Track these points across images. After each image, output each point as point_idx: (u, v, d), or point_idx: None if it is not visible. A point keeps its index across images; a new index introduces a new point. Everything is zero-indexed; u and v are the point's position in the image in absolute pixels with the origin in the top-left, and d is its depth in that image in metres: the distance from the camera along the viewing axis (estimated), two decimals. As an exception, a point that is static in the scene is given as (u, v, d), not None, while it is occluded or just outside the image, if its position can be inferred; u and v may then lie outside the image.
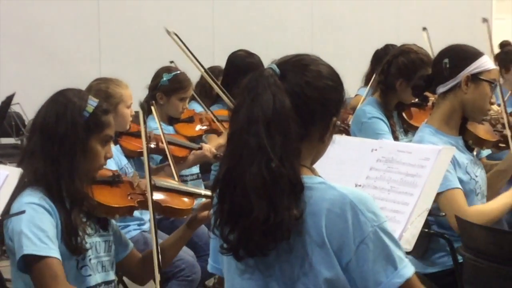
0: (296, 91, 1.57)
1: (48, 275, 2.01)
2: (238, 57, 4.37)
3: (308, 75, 1.60)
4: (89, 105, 2.20)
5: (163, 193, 2.52)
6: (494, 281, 2.39)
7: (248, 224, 1.52)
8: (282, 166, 1.51)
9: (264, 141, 1.51)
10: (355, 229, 1.52)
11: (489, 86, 2.81)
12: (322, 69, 1.63)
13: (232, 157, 1.57)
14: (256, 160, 1.51)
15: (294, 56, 1.66)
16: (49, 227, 2.06)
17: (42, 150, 2.16)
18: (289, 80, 1.58)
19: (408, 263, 1.56)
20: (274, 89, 1.55)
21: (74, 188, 2.14)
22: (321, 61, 1.66)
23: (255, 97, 1.55)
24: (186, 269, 3.29)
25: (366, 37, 7.03)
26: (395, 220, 2.16)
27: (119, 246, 2.32)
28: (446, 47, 2.91)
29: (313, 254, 1.53)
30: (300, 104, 1.56)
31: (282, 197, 1.50)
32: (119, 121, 3.28)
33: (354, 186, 2.28)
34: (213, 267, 1.78)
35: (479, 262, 2.38)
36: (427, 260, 2.87)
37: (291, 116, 1.54)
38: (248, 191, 1.51)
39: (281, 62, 1.64)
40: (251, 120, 1.54)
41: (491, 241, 2.40)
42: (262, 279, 1.58)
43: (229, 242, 1.57)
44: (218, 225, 1.59)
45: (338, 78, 1.67)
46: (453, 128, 2.87)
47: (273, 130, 1.52)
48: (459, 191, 2.72)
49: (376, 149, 2.36)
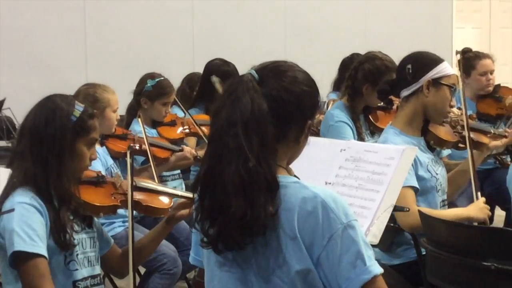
0: (273, 95, 1.57)
1: (34, 273, 2.00)
2: (214, 65, 4.38)
3: (285, 80, 1.60)
4: (76, 110, 2.19)
5: (143, 193, 2.52)
6: (454, 271, 2.40)
7: (226, 219, 1.52)
8: (259, 166, 1.51)
9: (242, 142, 1.51)
10: (325, 226, 1.52)
11: (449, 90, 2.83)
12: (298, 75, 1.63)
13: (212, 156, 1.56)
14: (234, 159, 1.51)
15: (272, 62, 1.66)
16: (39, 226, 2.05)
17: (31, 152, 2.14)
18: (267, 85, 1.58)
19: (376, 263, 1.55)
20: (252, 93, 1.55)
21: (62, 188, 2.14)
22: (297, 67, 1.66)
23: (235, 101, 1.55)
24: (168, 263, 3.28)
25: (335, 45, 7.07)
26: (362, 215, 2.17)
27: (102, 242, 2.31)
28: (409, 54, 2.93)
29: (287, 248, 1.53)
30: (276, 107, 1.56)
31: (258, 195, 1.50)
32: (105, 124, 3.29)
33: (324, 184, 2.29)
34: (194, 259, 1.78)
35: (440, 254, 2.39)
36: (393, 253, 2.88)
37: (268, 119, 1.54)
38: (226, 188, 1.51)
39: (259, 68, 1.63)
40: (230, 122, 1.53)
41: (451, 234, 2.41)
42: (240, 272, 1.58)
43: (209, 236, 1.56)
44: (199, 220, 1.58)
45: (313, 83, 1.67)
46: (416, 130, 2.89)
47: (251, 131, 1.52)
48: (411, 191, 2.72)
49: (345, 149, 2.37)
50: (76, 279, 2.15)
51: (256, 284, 1.57)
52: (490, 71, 4.35)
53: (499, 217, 4.43)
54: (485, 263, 2.20)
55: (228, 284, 1.61)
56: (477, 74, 4.34)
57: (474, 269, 2.28)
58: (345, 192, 2.23)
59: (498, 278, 2.20)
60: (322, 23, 7.73)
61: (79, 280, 2.16)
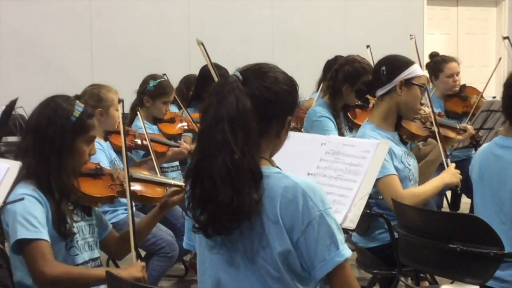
0: (256, 94, 1.56)
1: (37, 254, 1.99)
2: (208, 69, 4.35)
3: (266, 80, 1.59)
4: (76, 110, 2.16)
5: (139, 184, 2.50)
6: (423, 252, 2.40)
7: (215, 207, 1.52)
8: (243, 158, 1.50)
9: (228, 136, 1.51)
10: (304, 212, 1.52)
11: (419, 90, 2.84)
12: (278, 76, 1.62)
13: (202, 150, 1.56)
14: (221, 152, 1.51)
15: (255, 64, 1.65)
16: (40, 214, 2.03)
17: (34, 148, 2.12)
18: (250, 85, 1.57)
19: (346, 246, 1.55)
20: (237, 92, 1.54)
21: (62, 182, 2.11)
22: (278, 69, 1.65)
23: (221, 99, 1.54)
24: (166, 247, 3.27)
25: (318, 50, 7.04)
26: (341, 202, 2.17)
27: (100, 227, 2.29)
28: (384, 57, 2.93)
29: (270, 231, 1.53)
30: (259, 105, 1.56)
31: (243, 184, 1.50)
32: (109, 122, 3.27)
33: (307, 175, 2.29)
34: (187, 244, 1.78)
35: (411, 237, 2.40)
36: (369, 237, 2.89)
37: (251, 116, 1.53)
38: (214, 179, 1.51)
39: (243, 69, 1.63)
40: (217, 119, 1.53)
41: (421, 219, 2.42)
42: (228, 254, 1.58)
43: (199, 222, 1.56)
44: (191, 208, 1.58)
45: (292, 83, 1.66)
46: (390, 125, 2.89)
47: (236, 127, 1.51)
48: (395, 177, 2.74)
49: (325, 143, 2.37)
50: (77, 263, 2.14)
51: (242, 264, 1.57)
52: (456, 73, 4.35)
53: (465, 204, 4.46)
54: (451, 245, 2.20)
55: (217, 265, 1.60)
56: (444, 76, 4.34)
57: (441, 251, 2.28)
58: (325, 182, 2.23)
59: (462, 259, 2.21)
60: (305, 30, 7.73)
61: (80, 263, 2.15)
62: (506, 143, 2.29)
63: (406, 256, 2.51)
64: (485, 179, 2.32)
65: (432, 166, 3.10)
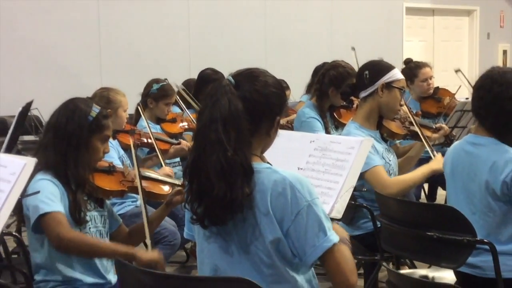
0: (247, 97, 1.55)
1: (55, 222, 2.01)
2: (206, 74, 4.36)
3: (257, 84, 1.58)
4: (93, 111, 2.18)
5: (146, 181, 2.50)
6: (403, 240, 2.41)
7: (210, 200, 1.50)
8: (236, 155, 1.49)
9: (221, 135, 1.49)
10: (293, 203, 1.50)
11: (399, 92, 2.83)
12: (268, 79, 1.60)
13: (198, 148, 1.54)
14: (215, 150, 1.49)
15: (246, 69, 1.63)
16: (56, 193, 2.07)
17: (53, 145, 2.14)
18: (242, 88, 1.56)
19: (334, 232, 1.54)
20: (229, 95, 1.53)
21: (78, 175, 2.13)
22: (267, 73, 1.63)
23: (215, 102, 1.53)
24: (169, 236, 3.25)
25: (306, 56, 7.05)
26: (328, 194, 2.15)
27: (111, 221, 2.29)
28: (366, 62, 2.92)
29: (261, 222, 1.52)
30: (250, 106, 1.54)
31: (236, 179, 1.49)
32: (117, 122, 3.26)
33: (297, 169, 2.27)
34: (187, 234, 1.76)
35: (392, 226, 2.40)
36: (354, 225, 2.88)
37: (243, 116, 1.52)
38: (210, 174, 1.49)
39: (236, 74, 1.61)
40: (212, 120, 1.51)
41: (401, 210, 2.42)
42: (224, 243, 1.57)
43: (197, 214, 1.55)
44: (189, 202, 1.57)
45: (281, 86, 1.64)
46: (372, 124, 2.89)
47: (228, 127, 1.50)
48: (381, 167, 2.74)
49: (314, 140, 2.35)
50: None
51: (237, 252, 1.55)
52: (429, 77, 4.35)
53: (441, 196, 4.46)
54: (428, 233, 2.20)
55: (214, 253, 1.59)
56: (419, 81, 4.34)
57: (419, 238, 2.28)
58: (314, 176, 2.21)
59: (439, 245, 2.21)
60: (295, 39, 7.74)
61: None
62: (476, 141, 2.28)
63: (387, 243, 2.50)
64: (457, 173, 2.32)
65: (412, 161, 3.10)
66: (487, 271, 2.19)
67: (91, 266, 2.13)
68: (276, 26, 7.58)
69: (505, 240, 2.21)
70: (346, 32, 8.06)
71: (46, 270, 2.10)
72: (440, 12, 9.38)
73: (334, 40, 7.92)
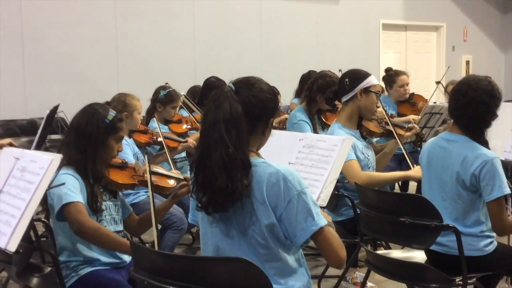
0: (245, 101, 1.54)
1: (76, 211, 2.00)
2: (210, 81, 4.34)
3: (254, 90, 1.57)
4: (110, 114, 2.16)
5: (155, 176, 2.48)
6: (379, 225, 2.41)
7: (213, 190, 1.50)
8: (236, 152, 1.49)
9: (224, 134, 1.49)
10: (285, 192, 1.50)
11: (375, 96, 2.83)
12: (263, 86, 1.60)
13: (203, 145, 1.54)
14: (218, 147, 1.49)
15: (245, 77, 1.63)
16: (77, 185, 2.06)
17: (75, 143, 2.13)
18: (241, 94, 1.55)
19: (322, 217, 1.53)
20: (230, 100, 1.52)
21: (96, 170, 2.12)
22: (262, 81, 1.63)
23: (218, 105, 1.52)
24: (177, 222, 3.24)
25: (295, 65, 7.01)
26: (315, 186, 2.15)
27: (124, 209, 2.28)
28: (346, 71, 2.92)
29: (258, 209, 1.52)
30: (248, 110, 1.54)
31: (236, 172, 1.48)
32: (133, 123, 3.28)
33: (288, 164, 2.26)
34: (191, 219, 1.75)
35: (370, 213, 2.41)
36: (337, 212, 2.89)
37: (242, 118, 1.51)
38: (213, 168, 1.49)
39: (236, 81, 1.61)
40: (215, 121, 1.51)
41: (378, 199, 2.42)
42: (225, 227, 1.57)
43: (201, 203, 1.54)
44: (195, 192, 1.56)
45: (273, 92, 1.64)
46: (353, 124, 2.89)
47: (230, 127, 1.50)
48: (355, 161, 2.75)
49: (302, 139, 2.35)
50: None
51: (236, 235, 1.55)
52: (406, 83, 4.39)
53: (412, 186, 4.47)
54: (401, 219, 2.21)
55: (216, 236, 1.59)
56: (397, 86, 4.37)
57: (394, 223, 2.28)
58: (302, 170, 2.21)
59: (410, 229, 2.21)
60: (287, 50, 7.73)
61: None
62: (450, 138, 2.29)
63: (366, 228, 2.51)
64: (432, 165, 2.32)
65: (387, 157, 3.10)
66: (452, 249, 2.20)
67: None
68: (270, 40, 7.58)
69: (470, 224, 2.22)
70: (330, 45, 8.07)
71: (69, 252, 2.09)
72: (411, 28, 9.39)
73: (320, 52, 7.93)
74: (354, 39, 8.36)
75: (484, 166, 2.14)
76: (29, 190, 1.83)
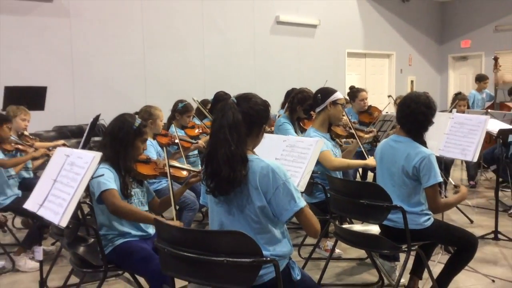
0: (244, 111, 1.55)
1: (111, 195, 1.99)
2: (219, 95, 4.32)
3: (251, 103, 1.57)
4: (136, 122, 2.15)
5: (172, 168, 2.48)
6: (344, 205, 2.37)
7: (219, 179, 1.51)
8: (237, 149, 1.49)
9: (227, 136, 1.50)
10: (273, 181, 1.51)
11: (341, 107, 2.85)
12: (258, 100, 1.60)
13: (211, 144, 1.54)
14: (223, 146, 1.50)
15: (244, 93, 1.63)
16: (112, 176, 2.05)
17: (110, 145, 2.11)
18: (241, 105, 1.56)
19: (302, 200, 1.53)
20: (233, 110, 1.53)
21: (126, 165, 2.11)
22: (257, 96, 1.63)
23: (223, 114, 1.53)
24: (191, 203, 3.23)
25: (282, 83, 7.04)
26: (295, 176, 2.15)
27: (148, 194, 2.27)
28: (319, 88, 2.94)
29: (252, 194, 1.52)
30: (246, 118, 1.54)
31: (236, 165, 1.49)
32: (156, 128, 3.29)
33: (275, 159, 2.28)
34: (202, 201, 1.74)
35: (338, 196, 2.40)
36: (312, 196, 2.90)
37: (241, 124, 1.52)
38: (219, 162, 1.50)
39: (237, 96, 1.61)
40: (221, 126, 1.52)
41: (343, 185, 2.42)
42: (227, 207, 1.57)
43: (210, 188, 1.55)
44: (205, 179, 1.57)
45: (266, 104, 1.64)
46: (325, 129, 2.90)
47: (232, 131, 1.50)
48: (329, 151, 2.76)
49: (285, 140, 2.35)
50: None
51: (236, 213, 1.56)
52: (365, 98, 4.43)
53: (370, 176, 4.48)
54: (361, 201, 2.21)
55: (220, 214, 1.59)
56: (358, 100, 4.41)
57: (355, 204, 2.29)
58: (286, 164, 2.21)
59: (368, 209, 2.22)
60: (275, 72, 7.74)
61: None
62: (398, 139, 2.31)
63: (334, 207, 2.51)
64: (384, 160, 2.34)
65: (350, 154, 3.10)
66: (399, 224, 2.22)
67: (136, 224, 2.11)
68: (262, 65, 7.60)
69: (413, 204, 2.24)
70: (309, 68, 8.11)
71: (107, 227, 2.08)
72: (369, 55, 9.44)
73: (300, 73, 7.96)
74: (326, 64, 8.42)
75: (423, 161, 2.16)
76: (76, 179, 1.84)
